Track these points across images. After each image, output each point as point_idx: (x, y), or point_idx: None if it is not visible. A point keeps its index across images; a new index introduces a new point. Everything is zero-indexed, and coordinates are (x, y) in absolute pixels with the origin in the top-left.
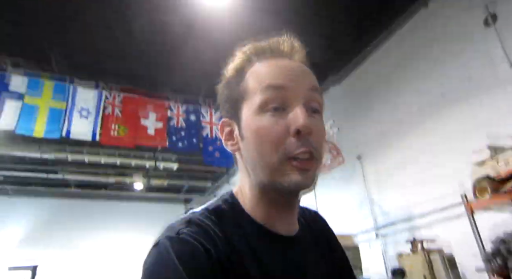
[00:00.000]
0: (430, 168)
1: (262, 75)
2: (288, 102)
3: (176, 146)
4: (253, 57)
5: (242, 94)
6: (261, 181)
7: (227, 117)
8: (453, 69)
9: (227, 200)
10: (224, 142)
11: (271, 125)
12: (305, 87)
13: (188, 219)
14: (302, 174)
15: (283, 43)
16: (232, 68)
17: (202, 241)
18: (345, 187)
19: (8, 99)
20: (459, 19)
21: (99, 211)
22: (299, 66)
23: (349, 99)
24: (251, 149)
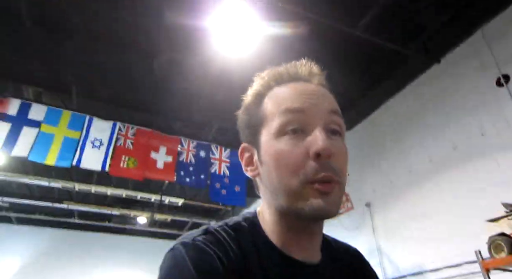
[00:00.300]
0: (443, 222)
1: (280, 99)
2: (307, 125)
3: (184, 181)
4: (272, 82)
5: (261, 119)
6: (281, 206)
7: (247, 142)
8: (466, 124)
9: (248, 218)
10: (244, 168)
11: (290, 149)
12: (324, 109)
13: (205, 228)
14: (323, 198)
15: (301, 67)
16: (251, 94)
17: (216, 250)
18: (353, 234)
19: (26, 126)
20: (471, 78)
21: (100, 245)
22: (317, 88)
23: (358, 146)
24: (270, 173)
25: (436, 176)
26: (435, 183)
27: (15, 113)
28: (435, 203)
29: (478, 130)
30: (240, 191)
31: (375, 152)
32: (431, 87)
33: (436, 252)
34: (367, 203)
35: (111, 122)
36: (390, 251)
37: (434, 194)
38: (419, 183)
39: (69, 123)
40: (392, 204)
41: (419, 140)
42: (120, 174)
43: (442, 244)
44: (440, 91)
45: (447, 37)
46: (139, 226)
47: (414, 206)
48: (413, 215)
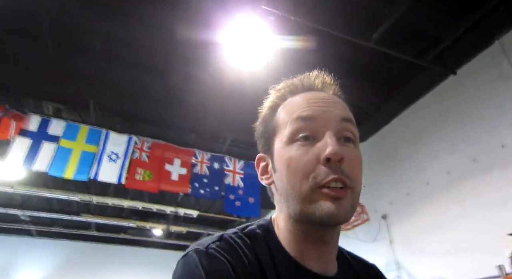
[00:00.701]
0: (463, 235)
1: (292, 108)
2: (318, 132)
3: (198, 193)
4: (287, 93)
5: (274, 128)
6: (294, 212)
7: (262, 152)
8: (484, 134)
9: (263, 226)
10: (260, 177)
11: (300, 155)
12: (335, 116)
13: (220, 235)
14: (334, 202)
15: (315, 77)
16: (266, 105)
17: (229, 258)
18: (369, 247)
19: (45, 141)
20: (489, 89)
21: (117, 257)
22: (329, 97)
23: (374, 156)
24: (283, 180)
25: (454, 189)
26: (454, 196)
27: (35, 128)
28: (454, 216)
29: (498, 142)
30: (254, 203)
31: (391, 164)
32: (448, 99)
33: (456, 266)
34: (383, 215)
35: (127, 136)
36: (409, 264)
37: (453, 206)
38: (437, 196)
39: (87, 137)
40: (409, 217)
41: (436, 152)
42: (136, 187)
43: (462, 258)
44: (457, 102)
45: (463, 48)
46: (155, 238)
47: (432, 219)
48: (431, 228)
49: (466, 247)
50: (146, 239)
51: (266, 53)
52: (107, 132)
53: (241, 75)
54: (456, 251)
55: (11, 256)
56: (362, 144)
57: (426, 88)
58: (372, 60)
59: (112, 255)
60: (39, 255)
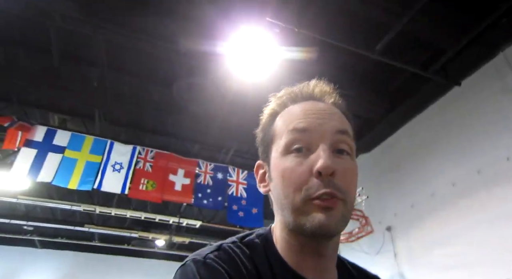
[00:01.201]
0: (469, 249)
1: (288, 118)
2: (312, 144)
3: (201, 203)
4: (287, 101)
5: (272, 137)
6: (288, 222)
7: (261, 159)
8: (490, 148)
9: (262, 235)
10: (258, 184)
11: (294, 166)
12: (330, 128)
13: (218, 245)
14: (325, 213)
15: (314, 86)
16: (266, 113)
17: (227, 268)
18: (374, 260)
19: (50, 152)
20: (493, 100)
21: (119, 267)
22: (327, 108)
23: (378, 168)
24: (278, 190)
25: (460, 201)
26: (460, 208)
27: (41, 139)
28: (460, 229)
29: (503, 154)
30: (257, 213)
31: (395, 175)
32: (452, 110)
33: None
34: (387, 227)
35: (131, 146)
36: (414, 277)
37: (459, 219)
38: (442, 208)
39: (91, 147)
40: (414, 229)
41: (440, 163)
42: (139, 197)
43: (469, 272)
44: (461, 114)
45: (467, 59)
46: (158, 248)
47: (437, 231)
48: (436, 241)
49: (471, 261)
50: (149, 250)
51: (270, 64)
52: (112, 142)
53: (245, 86)
54: (462, 265)
55: (15, 266)
56: (366, 155)
57: (430, 99)
58: (376, 71)
59: (115, 266)
60: (42, 266)
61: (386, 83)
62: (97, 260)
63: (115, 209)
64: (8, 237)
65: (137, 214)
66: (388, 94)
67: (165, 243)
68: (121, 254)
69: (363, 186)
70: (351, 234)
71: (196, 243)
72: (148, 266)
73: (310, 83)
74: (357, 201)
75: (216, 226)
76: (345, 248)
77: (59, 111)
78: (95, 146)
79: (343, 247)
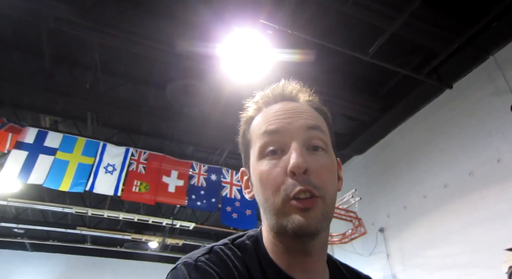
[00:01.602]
0: (460, 250)
1: (260, 122)
2: (285, 144)
3: (195, 205)
4: (261, 105)
5: (249, 142)
6: (271, 224)
7: (244, 165)
8: (481, 150)
9: (253, 236)
10: (244, 191)
11: (270, 169)
12: (300, 127)
13: (209, 247)
14: (303, 214)
15: (284, 86)
16: (243, 118)
17: (218, 270)
18: (367, 261)
19: (41, 154)
20: (484, 103)
21: (112, 270)
22: (297, 106)
23: (371, 170)
24: (259, 194)
25: (452, 202)
26: (451, 210)
27: (32, 141)
28: (451, 230)
29: (494, 156)
30: (251, 215)
31: (388, 177)
32: (444, 112)
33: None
34: (380, 229)
35: (124, 148)
36: (406, 278)
37: (450, 220)
38: (434, 209)
39: (83, 149)
40: (406, 230)
41: (433, 165)
42: (132, 199)
43: (461, 272)
44: (453, 116)
45: (458, 62)
46: (151, 250)
47: (429, 233)
48: (428, 242)
49: (464, 261)
50: (142, 252)
51: (264, 66)
52: (104, 144)
53: (239, 88)
54: (454, 266)
55: (5, 269)
56: (359, 157)
57: (423, 102)
58: (369, 74)
59: (108, 269)
60: (34, 269)
61: (379, 86)
62: (90, 263)
63: (108, 211)
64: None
65: (130, 216)
66: (381, 96)
67: (158, 245)
68: (114, 257)
69: (356, 187)
70: (345, 235)
71: (189, 244)
72: (141, 268)
73: (280, 84)
74: (351, 202)
75: (209, 228)
76: (339, 249)
77: (51, 113)
78: (87, 148)
79: (336, 248)
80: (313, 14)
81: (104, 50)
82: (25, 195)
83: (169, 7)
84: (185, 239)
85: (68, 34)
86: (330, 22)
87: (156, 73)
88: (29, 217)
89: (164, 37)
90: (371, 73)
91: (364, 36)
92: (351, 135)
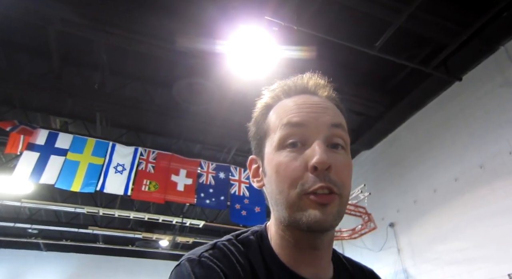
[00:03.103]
0: (472, 244)
1: (282, 112)
2: (307, 139)
3: (204, 203)
4: (280, 94)
5: (265, 131)
6: (283, 218)
7: (254, 154)
8: (492, 142)
9: (257, 232)
10: (251, 179)
11: (289, 161)
12: (324, 123)
13: (213, 243)
14: (320, 209)
15: (308, 79)
16: (259, 106)
17: (221, 266)
18: (377, 256)
19: (53, 155)
20: (494, 95)
21: (123, 268)
22: (321, 101)
23: (379, 165)
24: (272, 185)
25: (462, 196)
26: (462, 204)
27: (43, 142)
28: (462, 224)
29: (505, 148)
30: (260, 212)
31: (397, 172)
32: (453, 105)
33: (466, 275)
34: (391, 224)
35: (133, 148)
36: (417, 273)
37: (461, 214)
38: (444, 203)
39: (93, 150)
40: (417, 225)
41: (442, 159)
42: (142, 198)
43: (471, 267)
44: (463, 109)
45: (467, 54)
46: (162, 249)
47: (440, 227)
48: (439, 236)
49: (474, 256)
50: (153, 251)
51: (269, 62)
52: (113, 144)
53: (245, 85)
54: (464, 260)
55: (20, 269)
56: (368, 152)
57: (431, 95)
58: (376, 68)
59: (120, 267)
60: (48, 268)
61: (386, 80)
62: (102, 262)
63: (119, 211)
64: (13, 241)
65: (140, 215)
66: (389, 90)
67: (169, 243)
68: (125, 255)
69: (365, 183)
70: (354, 231)
71: (199, 242)
72: (152, 266)
73: (304, 76)
74: (360, 197)
75: (219, 226)
76: (349, 245)
77: (61, 114)
78: (97, 148)
79: (346, 244)
80: (318, 9)
81: (110, 50)
82: (38, 195)
83: (173, 4)
84: (195, 237)
85: (75, 36)
86: (335, 16)
87: (162, 72)
88: (43, 217)
89: (169, 35)
90: (378, 67)
91: (370, 30)
92: (358, 130)
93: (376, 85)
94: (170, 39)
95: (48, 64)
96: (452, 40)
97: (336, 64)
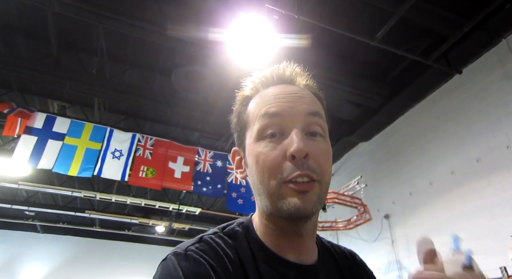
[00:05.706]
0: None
1: (260, 103)
2: (285, 128)
3: (201, 190)
4: (258, 85)
5: (246, 123)
6: (265, 207)
7: (237, 146)
8: (489, 135)
9: (243, 223)
10: (235, 170)
11: (268, 151)
12: (302, 112)
13: (199, 237)
14: (300, 197)
15: (284, 69)
16: (239, 98)
17: (208, 259)
18: (372, 247)
19: (50, 139)
20: (494, 88)
21: (119, 253)
22: (298, 90)
23: (377, 156)
24: (253, 175)
25: (458, 189)
26: (458, 196)
27: (41, 126)
28: (457, 217)
29: (503, 142)
30: None
31: (394, 164)
32: (452, 98)
33: None
34: (386, 215)
35: (130, 134)
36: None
37: (456, 207)
38: (440, 196)
39: (91, 135)
40: (412, 217)
41: (439, 152)
42: (138, 184)
43: None
44: (462, 102)
45: (468, 47)
46: (158, 234)
47: (435, 219)
48: (434, 228)
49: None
50: (149, 236)
51: (269, 51)
52: (111, 129)
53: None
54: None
55: (17, 250)
56: (365, 144)
57: (431, 87)
58: (376, 59)
59: (116, 251)
60: (44, 250)
61: (386, 71)
62: (98, 245)
63: (116, 196)
64: (10, 222)
65: (137, 200)
66: (388, 82)
67: (165, 229)
68: (121, 240)
69: (362, 174)
70: (350, 221)
71: (195, 229)
72: (148, 251)
73: (280, 66)
74: (356, 189)
75: (215, 213)
76: (343, 235)
77: (58, 98)
78: (94, 133)
79: (341, 234)
80: None
81: (109, 35)
82: (35, 178)
83: None
84: (191, 224)
85: (74, 20)
86: (336, 6)
87: (161, 59)
88: (40, 200)
89: (169, 22)
90: (378, 58)
91: (371, 20)
92: (356, 122)
93: (376, 76)
94: (170, 26)
95: (46, 48)
96: (454, 32)
97: (335, 54)
